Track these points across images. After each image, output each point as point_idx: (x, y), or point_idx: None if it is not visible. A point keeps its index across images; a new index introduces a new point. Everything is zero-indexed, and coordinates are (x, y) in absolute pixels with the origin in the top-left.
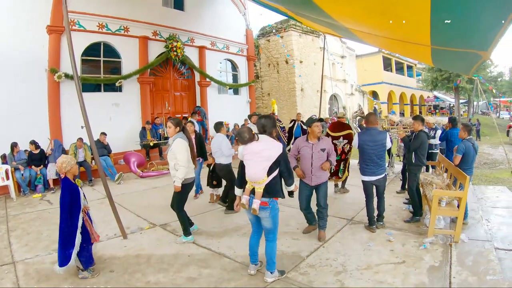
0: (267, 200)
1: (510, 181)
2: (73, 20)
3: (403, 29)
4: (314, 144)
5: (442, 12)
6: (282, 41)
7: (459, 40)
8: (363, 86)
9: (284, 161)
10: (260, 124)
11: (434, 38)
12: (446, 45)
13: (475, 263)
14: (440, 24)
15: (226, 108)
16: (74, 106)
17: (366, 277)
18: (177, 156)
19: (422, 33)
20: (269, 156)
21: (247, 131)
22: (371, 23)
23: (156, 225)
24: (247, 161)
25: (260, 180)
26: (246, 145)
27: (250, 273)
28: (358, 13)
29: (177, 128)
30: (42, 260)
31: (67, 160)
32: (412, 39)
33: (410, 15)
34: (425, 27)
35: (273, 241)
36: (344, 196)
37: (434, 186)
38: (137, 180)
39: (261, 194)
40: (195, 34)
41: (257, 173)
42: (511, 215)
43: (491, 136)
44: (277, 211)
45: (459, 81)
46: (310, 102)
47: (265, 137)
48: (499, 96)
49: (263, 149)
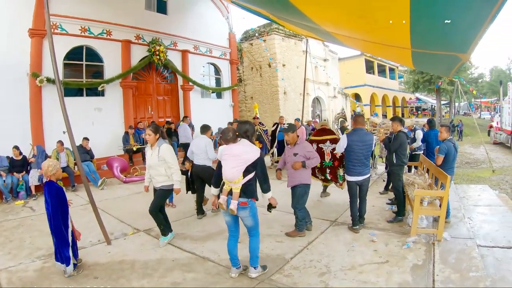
0: (246, 200)
1: (492, 180)
2: (55, 24)
3: (383, 33)
4: (290, 149)
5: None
6: (265, 45)
7: (439, 43)
8: (345, 88)
9: (260, 166)
10: (242, 129)
11: (414, 41)
12: (426, 48)
13: (458, 261)
14: (420, 27)
15: (209, 112)
16: (56, 111)
17: (350, 277)
18: (169, 161)
19: (402, 37)
20: (246, 159)
21: (231, 131)
22: (351, 27)
23: (140, 230)
24: (224, 161)
25: (235, 179)
26: (227, 146)
27: (231, 276)
28: (339, 17)
29: (157, 135)
30: (25, 267)
31: (53, 164)
32: (393, 42)
33: (389, 18)
34: (405, 31)
35: (256, 236)
36: (327, 198)
37: (416, 186)
38: (121, 185)
39: (238, 194)
40: (178, 38)
41: (233, 173)
42: (492, 213)
43: (473, 136)
44: (256, 210)
45: (440, 83)
46: (293, 105)
47: (246, 141)
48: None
49: (242, 152)
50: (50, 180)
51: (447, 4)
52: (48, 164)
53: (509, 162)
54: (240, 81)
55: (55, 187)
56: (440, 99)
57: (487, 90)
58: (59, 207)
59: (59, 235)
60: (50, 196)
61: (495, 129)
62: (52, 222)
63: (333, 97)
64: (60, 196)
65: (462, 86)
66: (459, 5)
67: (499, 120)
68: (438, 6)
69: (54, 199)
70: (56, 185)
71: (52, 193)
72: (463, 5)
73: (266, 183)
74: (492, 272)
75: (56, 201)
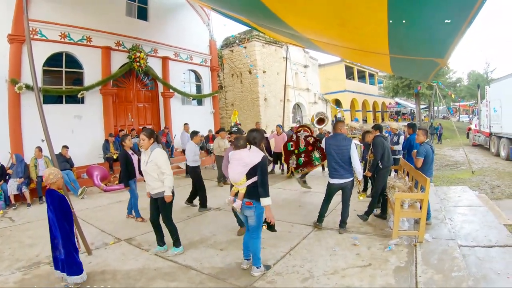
0: (251, 200)
1: (471, 181)
2: (35, 29)
3: (362, 39)
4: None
5: (398, 22)
6: (246, 52)
7: (416, 48)
8: (326, 94)
9: (260, 169)
10: (251, 136)
11: (392, 48)
12: (404, 53)
13: (440, 261)
14: (397, 33)
15: (190, 119)
16: (35, 118)
17: (333, 282)
18: (162, 166)
19: (381, 43)
20: (248, 162)
21: (243, 139)
22: (331, 34)
23: (121, 239)
24: (230, 164)
25: (238, 181)
26: (236, 151)
27: (243, 268)
28: (319, 24)
29: (151, 140)
30: (5, 280)
31: (54, 172)
32: (371, 49)
33: (368, 25)
34: (383, 37)
35: (256, 238)
36: (308, 204)
37: (397, 190)
38: (101, 194)
39: (243, 195)
40: (159, 44)
41: (235, 175)
42: (473, 213)
43: (452, 139)
44: (260, 212)
45: (419, 87)
46: (274, 111)
47: (254, 148)
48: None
49: (246, 156)
50: (51, 189)
51: (424, 9)
52: (50, 172)
53: (488, 163)
54: (220, 88)
55: (57, 197)
56: (419, 103)
57: (465, 94)
58: (65, 216)
59: (69, 243)
60: (53, 206)
61: (474, 132)
62: (60, 231)
63: (313, 103)
64: (63, 205)
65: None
66: (436, 10)
67: (478, 123)
68: (415, 11)
69: (57, 210)
70: (58, 194)
71: (55, 203)
72: (440, 10)
73: (262, 187)
74: (474, 271)
75: (60, 211)
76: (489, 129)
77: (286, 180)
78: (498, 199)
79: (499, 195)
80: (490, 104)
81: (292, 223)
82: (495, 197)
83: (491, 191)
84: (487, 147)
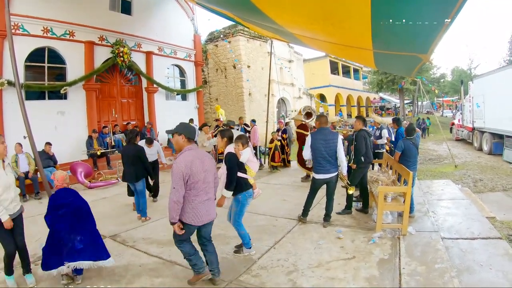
0: None
1: (454, 174)
2: (16, 24)
3: (346, 35)
4: None
5: (382, 17)
6: (230, 46)
7: (400, 44)
8: (311, 89)
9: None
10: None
11: (376, 43)
12: (387, 49)
13: (423, 253)
14: (381, 29)
15: (174, 114)
16: (18, 115)
17: (318, 275)
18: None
19: (364, 38)
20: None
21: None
22: (315, 28)
23: (105, 236)
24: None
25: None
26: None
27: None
28: (302, 18)
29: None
30: None
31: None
32: (355, 44)
33: (351, 20)
34: (367, 32)
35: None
36: (293, 198)
37: (380, 183)
38: (85, 191)
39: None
40: (143, 39)
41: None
42: (456, 206)
43: (435, 134)
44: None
45: (403, 83)
46: (258, 106)
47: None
48: (442, 96)
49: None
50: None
51: (407, 4)
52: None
53: (471, 157)
54: (205, 82)
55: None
56: (403, 98)
57: (449, 89)
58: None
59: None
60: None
61: (457, 126)
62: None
63: (298, 98)
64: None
65: (424, 85)
66: (419, 5)
67: (461, 118)
68: (398, 6)
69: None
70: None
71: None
72: (423, 6)
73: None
74: (458, 263)
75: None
76: (472, 124)
77: (270, 175)
78: (481, 192)
79: (481, 188)
80: (473, 99)
81: (277, 217)
82: (478, 190)
83: (473, 184)
84: (470, 142)
